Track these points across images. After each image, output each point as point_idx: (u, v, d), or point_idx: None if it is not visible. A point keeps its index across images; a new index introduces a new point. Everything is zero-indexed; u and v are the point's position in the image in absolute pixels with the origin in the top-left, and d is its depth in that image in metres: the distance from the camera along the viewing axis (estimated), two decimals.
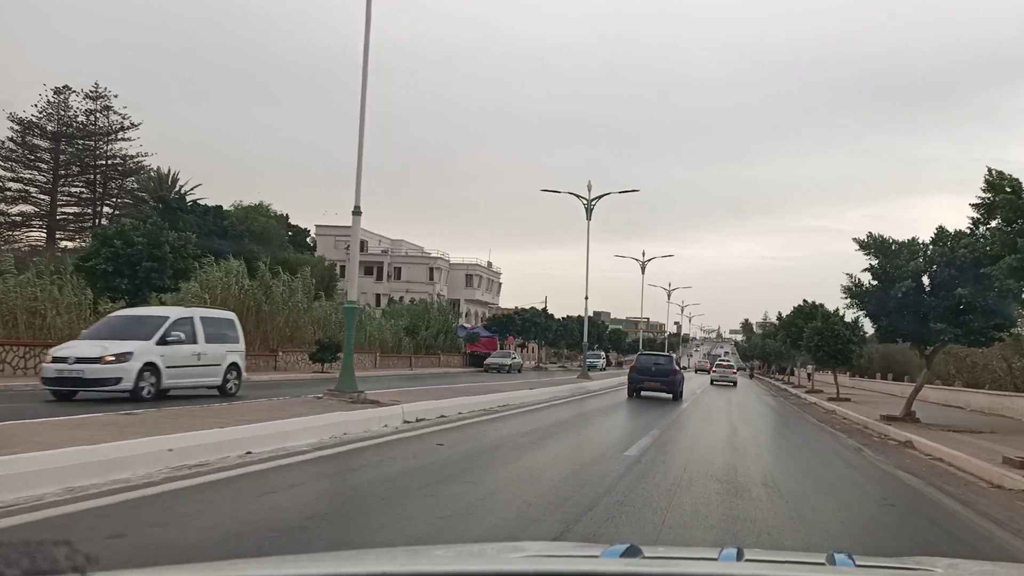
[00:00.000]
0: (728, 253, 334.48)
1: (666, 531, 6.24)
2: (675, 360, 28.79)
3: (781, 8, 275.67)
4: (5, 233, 56.60)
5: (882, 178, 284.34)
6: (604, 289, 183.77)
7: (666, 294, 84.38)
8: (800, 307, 38.29)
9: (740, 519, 6.91)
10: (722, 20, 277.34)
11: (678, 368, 27.63)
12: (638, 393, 26.09)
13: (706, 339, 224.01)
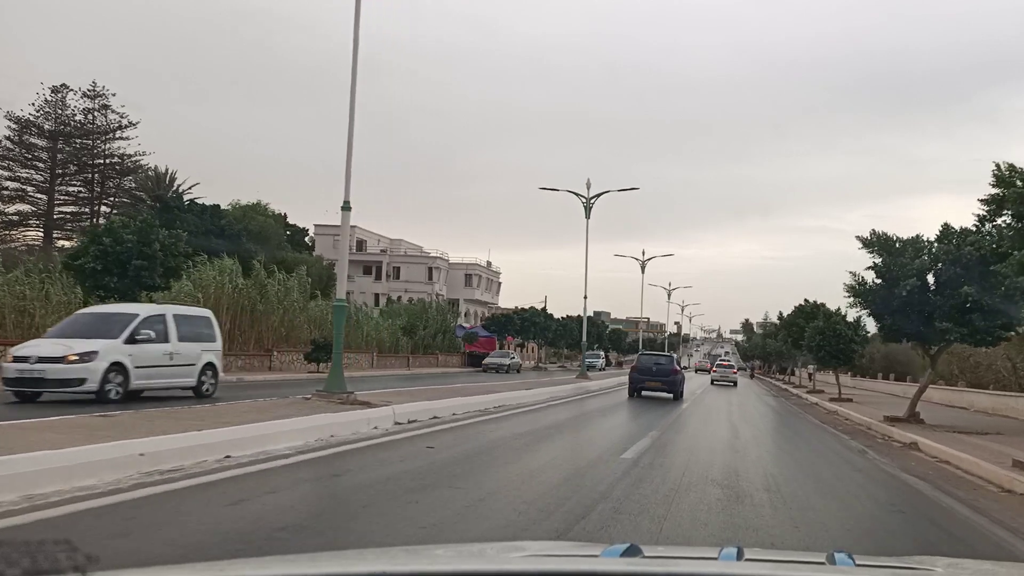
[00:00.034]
0: (728, 253, 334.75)
1: (664, 541, 5.89)
2: (676, 360, 28.86)
3: (781, 8, 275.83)
4: (1, 232, 56.25)
5: (882, 178, 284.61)
6: (604, 289, 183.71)
7: (666, 294, 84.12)
8: (802, 307, 38.04)
9: (742, 527, 6.58)
10: (722, 20, 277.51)
11: (679, 368, 27.67)
12: (639, 393, 26.01)
13: (706, 339, 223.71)
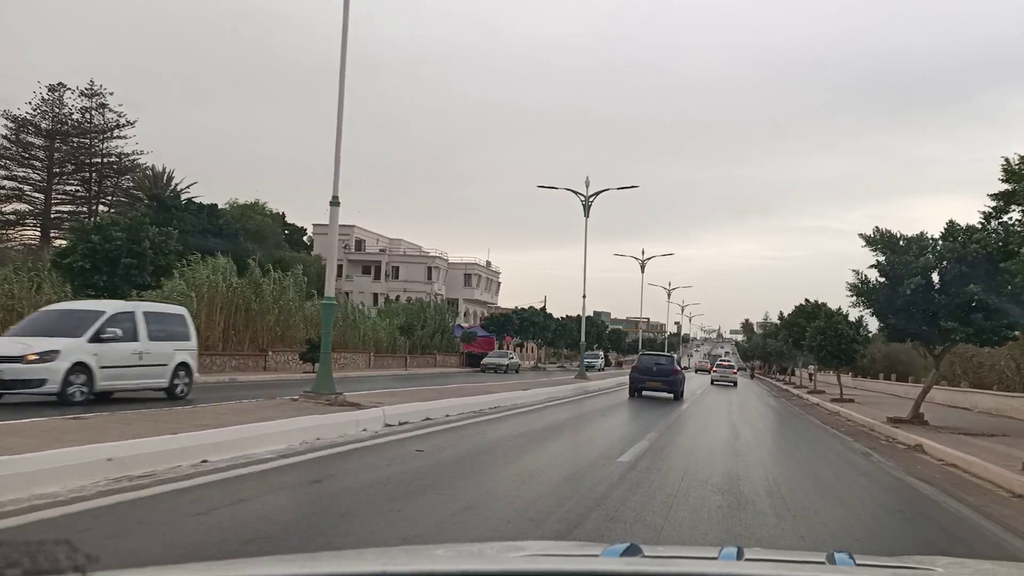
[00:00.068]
0: (728, 253, 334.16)
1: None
2: (676, 360, 28.82)
3: (781, 8, 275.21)
4: None
5: (882, 178, 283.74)
6: (604, 289, 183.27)
7: (666, 294, 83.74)
8: (802, 306, 37.66)
9: (744, 537, 6.21)
10: (722, 20, 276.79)
11: (679, 368, 27.60)
12: (639, 393, 25.81)
13: (706, 339, 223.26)
